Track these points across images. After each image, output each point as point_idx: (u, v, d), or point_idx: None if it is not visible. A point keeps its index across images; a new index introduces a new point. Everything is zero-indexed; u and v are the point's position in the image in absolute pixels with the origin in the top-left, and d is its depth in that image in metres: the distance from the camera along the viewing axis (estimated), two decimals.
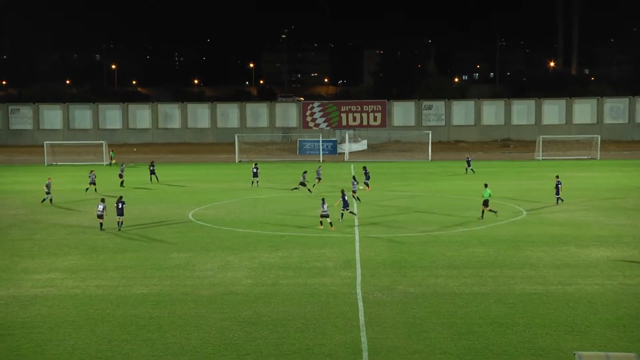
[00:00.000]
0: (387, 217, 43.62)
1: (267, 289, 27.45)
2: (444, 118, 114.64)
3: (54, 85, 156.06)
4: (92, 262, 32.23)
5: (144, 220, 43.10)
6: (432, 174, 69.25)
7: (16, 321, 23.92)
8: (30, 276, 29.76)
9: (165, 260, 32.49)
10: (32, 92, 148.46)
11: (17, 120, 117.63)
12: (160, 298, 26.41)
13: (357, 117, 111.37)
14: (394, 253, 33.45)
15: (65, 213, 46.30)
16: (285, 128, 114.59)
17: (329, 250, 34.06)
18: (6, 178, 65.52)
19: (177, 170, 76.08)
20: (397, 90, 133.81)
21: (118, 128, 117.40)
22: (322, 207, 39.85)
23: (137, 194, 56.03)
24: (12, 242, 37.14)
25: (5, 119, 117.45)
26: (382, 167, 78.28)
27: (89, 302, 26.03)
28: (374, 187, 58.37)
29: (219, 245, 35.55)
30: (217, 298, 26.35)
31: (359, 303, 25.52)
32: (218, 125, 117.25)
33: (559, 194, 47.85)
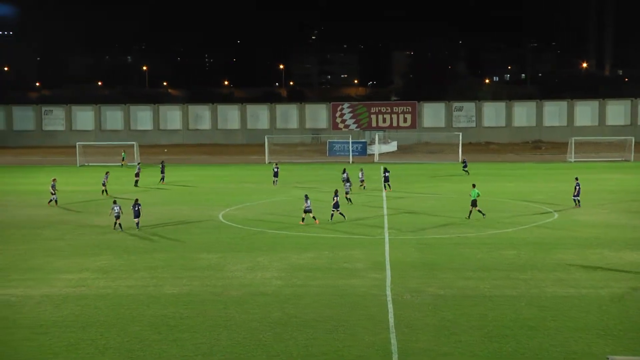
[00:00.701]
0: (416, 219, 43.44)
1: (297, 290, 27.47)
2: (475, 119, 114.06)
3: (86, 87, 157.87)
4: (123, 262, 32.51)
5: (174, 221, 43.39)
6: (462, 176, 68.83)
7: (49, 320, 24.19)
8: (62, 276, 30.09)
9: (195, 260, 32.66)
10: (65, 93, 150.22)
11: (50, 122, 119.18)
12: (190, 298, 26.54)
13: (387, 118, 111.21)
14: (424, 255, 33.31)
15: (96, 214, 46.75)
16: (315, 129, 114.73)
17: (358, 252, 34.00)
18: (39, 179, 66.33)
19: (207, 171, 76.49)
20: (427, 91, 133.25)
21: (149, 129, 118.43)
22: (305, 202, 41.23)
23: (167, 194, 56.43)
24: (45, 242, 37.59)
25: (39, 120, 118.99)
26: (412, 168, 78.04)
27: (120, 302, 26.24)
28: (403, 189, 58.22)
29: (248, 246, 35.66)
30: (247, 299, 26.42)
31: (389, 305, 25.44)
32: (248, 127, 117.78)
33: (578, 196, 47.45)
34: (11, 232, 40.28)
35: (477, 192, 43.47)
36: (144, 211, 45.46)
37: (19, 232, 40.44)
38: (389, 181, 57.37)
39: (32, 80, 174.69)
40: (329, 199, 48.08)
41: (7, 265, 32.18)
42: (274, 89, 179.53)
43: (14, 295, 27.11)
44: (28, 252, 34.85)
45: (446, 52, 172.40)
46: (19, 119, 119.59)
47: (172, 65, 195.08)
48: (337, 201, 42.71)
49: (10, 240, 38.11)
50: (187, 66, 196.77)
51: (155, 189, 59.76)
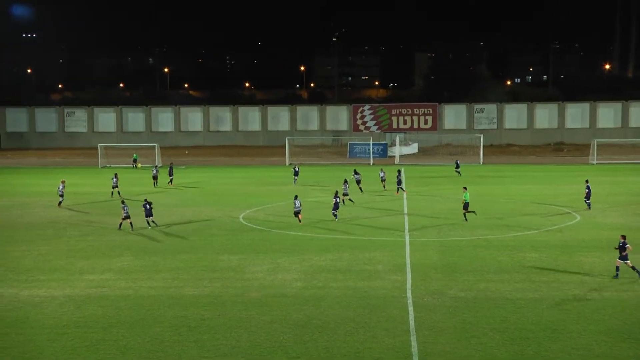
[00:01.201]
0: (437, 221, 43.32)
1: (317, 292, 27.50)
2: (496, 121, 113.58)
3: (108, 89, 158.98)
4: (145, 264, 32.70)
5: (195, 222, 43.58)
6: (483, 178, 68.60)
7: (71, 321, 24.39)
8: (84, 277, 30.33)
9: (216, 262, 32.79)
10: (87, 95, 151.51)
11: (72, 123, 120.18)
12: (211, 300, 26.65)
13: (407, 120, 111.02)
14: (445, 257, 33.22)
15: (118, 215, 46.96)
16: (336, 131, 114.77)
17: (379, 254, 33.96)
18: None
19: (228, 172, 76.73)
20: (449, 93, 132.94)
21: (170, 131, 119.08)
22: (294, 203, 42.57)
23: (188, 196, 56.70)
24: (68, 242, 37.91)
25: (61, 122, 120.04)
26: (433, 170, 77.81)
27: (141, 302, 26.40)
28: (424, 191, 58.12)
29: (269, 248, 35.73)
30: (267, 300, 26.49)
31: (409, 307, 25.39)
32: (269, 128, 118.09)
33: (588, 199, 47.25)
34: (35, 233, 40.66)
35: (468, 195, 43.84)
36: (167, 212, 45.77)
37: (43, 233, 40.82)
38: (401, 184, 57.07)
39: (54, 83, 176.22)
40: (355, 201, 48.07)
41: (31, 266, 32.50)
42: (294, 90, 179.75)
43: (37, 296, 27.37)
44: (51, 253, 35.18)
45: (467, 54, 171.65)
46: (41, 120, 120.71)
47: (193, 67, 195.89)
48: (337, 202, 43.33)
49: (34, 241, 38.47)
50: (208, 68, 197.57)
51: (175, 190, 60.05)
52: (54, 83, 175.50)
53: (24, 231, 41.54)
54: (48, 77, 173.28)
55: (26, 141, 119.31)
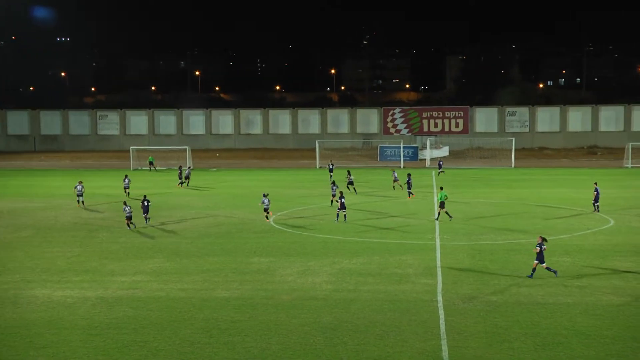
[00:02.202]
0: (468, 225, 43.08)
1: (347, 295, 27.47)
2: (528, 124, 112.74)
3: (140, 92, 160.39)
4: (176, 266, 32.91)
5: (226, 225, 43.78)
6: (515, 181, 68.10)
7: (103, 322, 24.62)
8: (116, 278, 30.61)
9: (247, 264, 32.90)
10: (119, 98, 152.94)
11: (104, 126, 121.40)
12: (242, 302, 26.74)
13: (438, 123, 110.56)
14: (476, 261, 33.02)
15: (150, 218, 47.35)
16: (366, 134, 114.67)
17: (409, 257, 33.85)
18: (94, 182, 67.59)
19: (258, 175, 76.96)
20: (480, 96, 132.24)
21: (201, 133, 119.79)
22: (263, 201, 44.41)
23: (219, 198, 56.97)
24: (101, 244, 38.30)
25: (94, 125, 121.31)
26: (464, 173, 77.40)
27: (172, 304, 26.57)
28: (455, 194, 57.82)
29: (299, 251, 35.77)
30: (298, 303, 26.52)
31: (440, 311, 25.27)
32: (299, 131, 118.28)
33: (597, 202, 47.13)
34: (69, 235, 41.13)
35: (444, 194, 44.53)
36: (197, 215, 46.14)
37: (76, 234, 41.27)
38: (411, 187, 56.30)
39: (87, 86, 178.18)
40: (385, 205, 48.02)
41: (65, 267, 32.88)
42: (325, 93, 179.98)
43: (70, 297, 27.68)
44: (84, 255, 35.56)
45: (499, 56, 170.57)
46: (74, 123, 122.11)
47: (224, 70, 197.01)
48: (343, 202, 44.11)
49: (67, 242, 38.92)
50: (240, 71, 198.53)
51: (206, 193, 60.38)
52: (87, 86, 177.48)
53: (58, 232, 42.05)
54: (81, 81, 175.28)
55: (60, 144, 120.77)
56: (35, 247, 37.62)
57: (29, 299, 27.40)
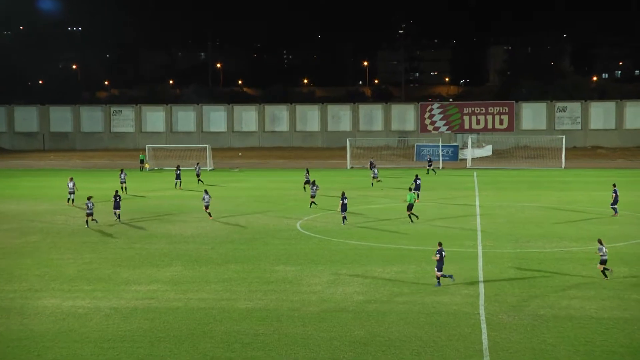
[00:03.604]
0: (514, 230, 42.80)
1: (381, 307, 27.41)
2: (580, 121, 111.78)
3: (157, 86, 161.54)
4: (195, 274, 33.06)
5: (249, 230, 43.90)
6: (566, 184, 67.53)
7: (117, 334, 24.79)
8: (131, 287, 30.82)
9: (271, 273, 32.95)
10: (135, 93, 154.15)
11: (118, 123, 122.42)
12: (266, 314, 26.79)
13: (481, 119, 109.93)
14: (522, 270, 32.77)
15: (167, 221, 47.72)
16: (402, 132, 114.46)
17: (448, 266, 33.60)
18: (108, 183, 68.15)
19: (284, 176, 77.07)
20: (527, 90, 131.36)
21: (222, 131, 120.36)
22: (204, 197, 47.40)
23: (241, 201, 57.14)
24: (114, 250, 38.58)
25: (107, 121, 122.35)
26: (509, 175, 76.94)
27: (191, 316, 26.69)
28: (499, 197, 57.50)
29: (328, 258, 35.76)
30: (326, 315, 26.50)
31: (482, 325, 25.13)
32: (328, 129, 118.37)
33: (615, 204, 47.32)
34: (79, 240, 41.50)
35: (413, 196, 45.61)
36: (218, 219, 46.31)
37: (88, 240, 41.61)
38: (419, 189, 56.13)
39: (101, 80, 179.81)
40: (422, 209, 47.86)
41: (75, 275, 33.16)
42: (357, 87, 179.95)
43: (81, 307, 27.91)
44: (96, 262, 35.85)
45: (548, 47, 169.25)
46: (87, 120, 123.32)
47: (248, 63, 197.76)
48: (345, 204, 45.29)
49: (78, 248, 39.26)
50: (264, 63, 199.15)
51: (228, 195, 60.61)
52: (100, 80, 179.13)
53: (68, 237, 42.45)
54: (94, 74, 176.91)
55: (71, 142, 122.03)
56: (43, 254, 38.01)
57: (37, 310, 27.67)
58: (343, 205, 45.38)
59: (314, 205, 51.87)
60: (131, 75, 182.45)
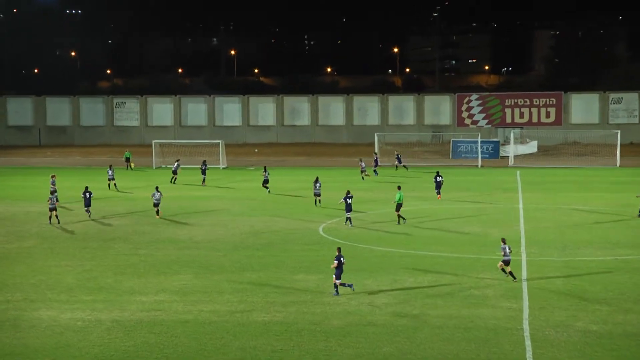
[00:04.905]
0: (561, 236, 42.64)
1: (412, 321, 27.39)
2: (637, 114, 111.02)
3: (164, 75, 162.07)
4: (206, 283, 33.17)
5: (266, 234, 43.99)
6: (620, 184, 67.06)
7: (119, 350, 24.93)
8: (135, 297, 30.97)
9: (291, 282, 33.00)
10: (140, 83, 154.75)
11: (122, 116, 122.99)
12: (285, 328, 26.84)
13: (525, 112, 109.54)
14: (571, 281, 32.64)
15: (175, 225, 47.93)
16: (436, 126, 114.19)
17: (488, 275, 33.61)
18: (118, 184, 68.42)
19: (305, 175, 77.07)
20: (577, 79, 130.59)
21: (237, 125, 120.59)
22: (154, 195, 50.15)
23: (258, 203, 57.26)
24: (117, 257, 38.80)
25: (110, 114, 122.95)
26: (556, 174, 76.55)
27: (202, 330, 26.78)
28: (545, 199, 57.27)
29: (354, 267, 35.71)
30: (352, 330, 26.52)
31: (526, 341, 25.06)
32: (354, 122, 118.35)
33: None
34: (78, 245, 41.76)
35: (402, 196, 46.32)
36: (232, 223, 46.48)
37: (88, 245, 41.88)
38: (440, 188, 57.64)
39: (102, 68, 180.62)
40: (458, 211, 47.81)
41: (74, 284, 33.38)
42: (386, 77, 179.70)
43: (80, 320, 28.09)
44: (97, 269, 36.06)
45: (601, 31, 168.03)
46: (87, 112, 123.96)
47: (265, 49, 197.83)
48: (349, 203, 46.40)
49: (77, 254, 39.51)
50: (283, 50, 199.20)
51: (243, 196, 60.74)
52: (101, 68, 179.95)
53: (66, 242, 42.74)
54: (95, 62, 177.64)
55: (69, 136, 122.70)
56: (39, 260, 38.29)
57: (32, 322, 27.89)
58: (347, 205, 46.27)
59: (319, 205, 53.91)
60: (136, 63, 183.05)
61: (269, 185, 62.57)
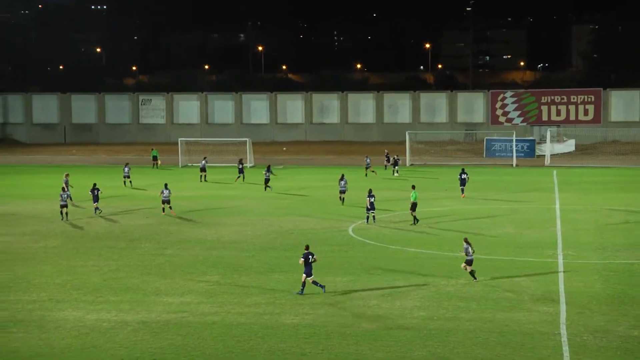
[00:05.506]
0: (600, 238, 42.37)
1: (445, 324, 27.33)
2: None
3: (190, 72, 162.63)
4: (233, 284, 33.26)
5: (295, 235, 44.06)
6: None
7: (146, 352, 25.06)
8: (162, 299, 31.12)
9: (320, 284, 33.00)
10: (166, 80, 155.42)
11: (148, 113, 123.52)
12: (314, 330, 26.86)
13: (562, 110, 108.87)
14: (611, 284, 32.43)
15: (202, 225, 48.09)
16: (469, 124, 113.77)
17: (524, 278, 33.47)
18: (135, 181, 68.87)
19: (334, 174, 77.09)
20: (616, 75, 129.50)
21: (264, 123, 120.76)
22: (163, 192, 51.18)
23: (286, 203, 57.38)
24: (143, 257, 39.01)
25: (135, 112, 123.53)
26: (594, 174, 76.08)
27: (229, 332, 26.86)
28: (583, 200, 56.98)
29: (384, 268, 35.73)
30: (382, 333, 26.50)
31: (564, 347, 24.92)
32: (385, 120, 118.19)
33: None
34: (104, 245, 42.04)
35: (416, 195, 47.29)
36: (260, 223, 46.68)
37: (114, 245, 42.14)
38: (464, 185, 58.50)
39: (128, 65, 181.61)
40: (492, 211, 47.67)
41: (100, 284, 33.61)
42: (417, 73, 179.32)
43: (106, 321, 28.27)
44: (123, 269, 36.30)
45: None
46: (112, 110, 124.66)
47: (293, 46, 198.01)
48: (372, 202, 46.92)
49: (103, 254, 39.78)
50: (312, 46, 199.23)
51: (271, 196, 60.87)
52: (127, 65, 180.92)
53: (92, 242, 43.03)
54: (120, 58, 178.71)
55: (94, 134, 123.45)
56: (65, 260, 38.60)
57: (58, 323, 28.11)
58: (369, 203, 46.83)
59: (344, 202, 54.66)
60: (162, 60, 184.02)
61: (270, 185, 63.34)
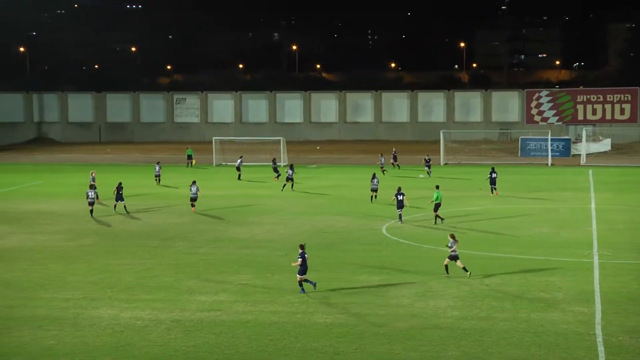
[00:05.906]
0: (638, 238, 42.17)
1: (479, 324, 27.21)
2: None
3: (224, 71, 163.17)
4: (267, 283, 33.33)
5: (329, 234, 44.07)
6: None
7: (179, 350, 25.16)
8: (195, 297, 31.24)
9: (353, 283, 32.99)
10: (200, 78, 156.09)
11: (182, 112, 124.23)
12: (347, 330, 26.84)
13: (598, 109, 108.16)
14: None
15: (235, 224, 48.24)
16: (504, 123, 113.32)
17: (559, 278, 33.26)
18: (170, 180, 69.23)
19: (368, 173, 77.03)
20: None
21: (298, 122, 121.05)
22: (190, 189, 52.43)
23: (320, 202, 57.44)
24: (177, 256, 39.21)
25: (170, 111, 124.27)
26: (631, 173, 75.48)
27: (263, 331, 26.91)
28: (619, 199, 56.55)
29: (418, 267, 35.65)
30: (416, 333, 26.43)
31: (599, 347, 24.72)
32: (419, 119, 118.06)
33: None
34: (138, 244, 42.30)
35: (440, 195, 47.39)
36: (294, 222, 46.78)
37: (147, 243, 42.40)
38: (495, 184, 59.06)
39: (162, 64, 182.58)
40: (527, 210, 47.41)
41: (134, 282, 33.81)
42: (452, 72, 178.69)
43: (140, 319, 28.43)
44: (156, 268, 36.49)
45: None
46: (147, 108, 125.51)
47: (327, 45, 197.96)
48: (402, 200, 47.24)
49: (137, 253, 40.03)
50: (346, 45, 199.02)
51: (305, 195, 60.93)
52: (161, 64, 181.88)
53: (126, 241, 43.31)
54: (155, 57, 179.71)
55: (129, 133, 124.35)
56: (99, 258, 38.87)
57: (93, 321, 28.31)
58: (398, 202, 47.19)
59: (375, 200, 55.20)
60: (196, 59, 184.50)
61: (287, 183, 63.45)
